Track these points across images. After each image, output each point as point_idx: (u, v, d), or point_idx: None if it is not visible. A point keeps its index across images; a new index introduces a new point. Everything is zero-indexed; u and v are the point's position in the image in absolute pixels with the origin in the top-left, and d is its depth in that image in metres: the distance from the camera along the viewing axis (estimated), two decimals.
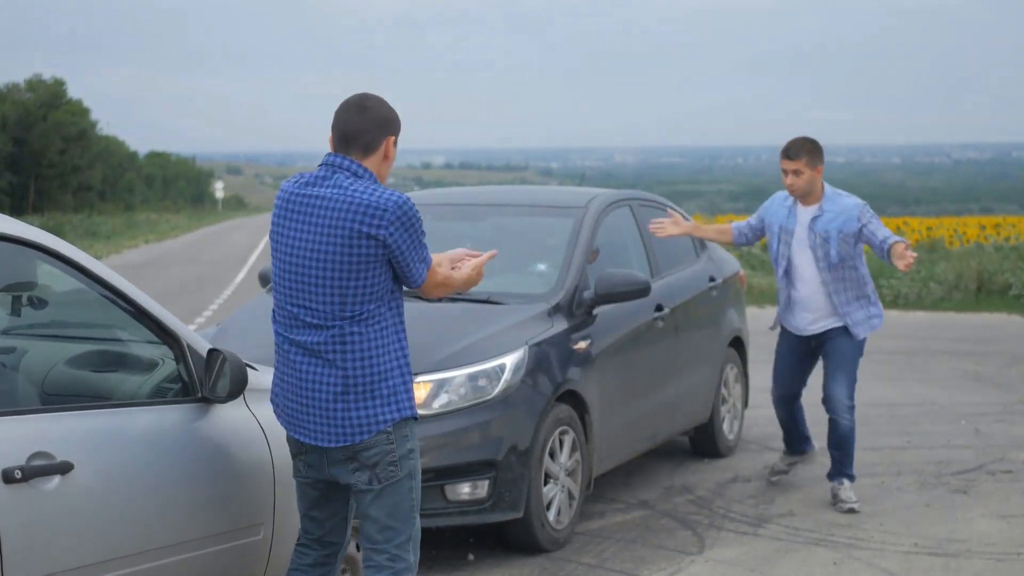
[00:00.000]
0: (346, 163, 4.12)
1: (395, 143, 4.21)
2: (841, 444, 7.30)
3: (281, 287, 4.16)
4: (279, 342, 4.19)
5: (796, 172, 7.07)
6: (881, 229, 7.02)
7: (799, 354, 7.47)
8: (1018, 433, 9.35)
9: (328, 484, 4.22)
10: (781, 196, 7.33)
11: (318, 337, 4.07)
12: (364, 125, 4.13)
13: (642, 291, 7.03)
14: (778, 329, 7.58)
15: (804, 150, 7.08)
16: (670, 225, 7.30)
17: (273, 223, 4.21)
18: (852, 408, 7.27)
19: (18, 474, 3.58)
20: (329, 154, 4.18)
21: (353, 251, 4.02)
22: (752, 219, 7.46)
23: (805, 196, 7.14)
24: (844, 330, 7.21)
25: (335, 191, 4.07)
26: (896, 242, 6.87)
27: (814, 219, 7.11)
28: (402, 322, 4.17)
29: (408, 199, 4.06)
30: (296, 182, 4.18)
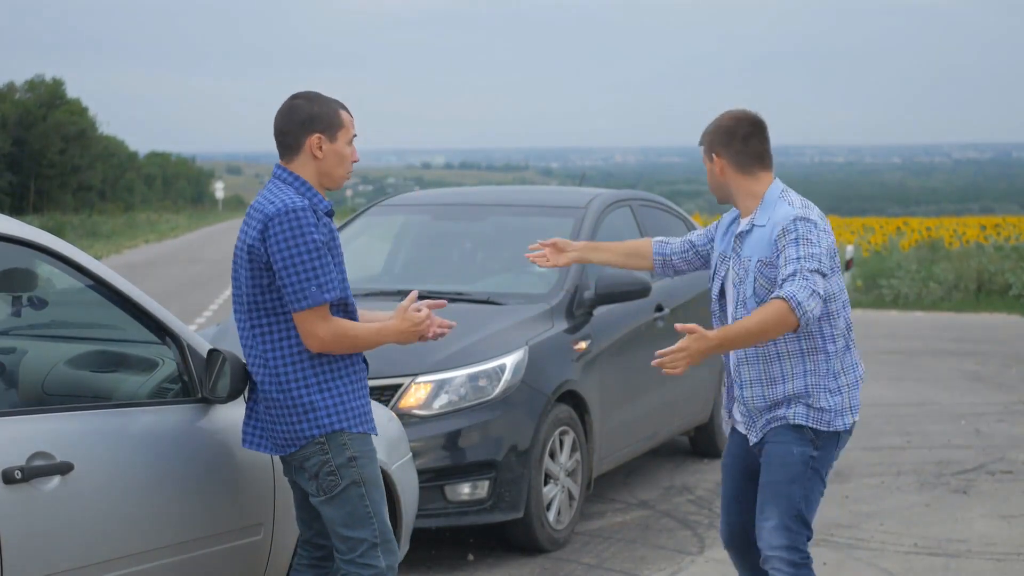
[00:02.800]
0: (276, 171, 4.10)
1: (330, 139, 4.03)
2: None
3: (233, 292, 4.20)
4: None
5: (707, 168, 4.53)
6: (792, 262, 4.19)
7: (745, 463, 4.55)
8: (1018, 433, 9.35)
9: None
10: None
11: (245, 349, 4.10)
12: (285, 126, 4.07)
13: (642, 291, 7.03)
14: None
15: (704, 134, 4.52)
16: (551, 253, 4.79)
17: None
18: (795, 564, 4.35)
19: (18, 474, 3.58)
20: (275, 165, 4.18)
21: (248, 262, 4.00)
22: (696, 236, 4.77)
23: (735, 203, 4.50)
24: (783, 426, 4.36)
25: (257, 199, 4.06)
26: (768, 303, 4.15)
27: (741, 237, 4.43)
28: None
29: (296, 207, 3.90)
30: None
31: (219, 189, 74.24)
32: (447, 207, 8.24)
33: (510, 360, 6.37)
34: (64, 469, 3.70)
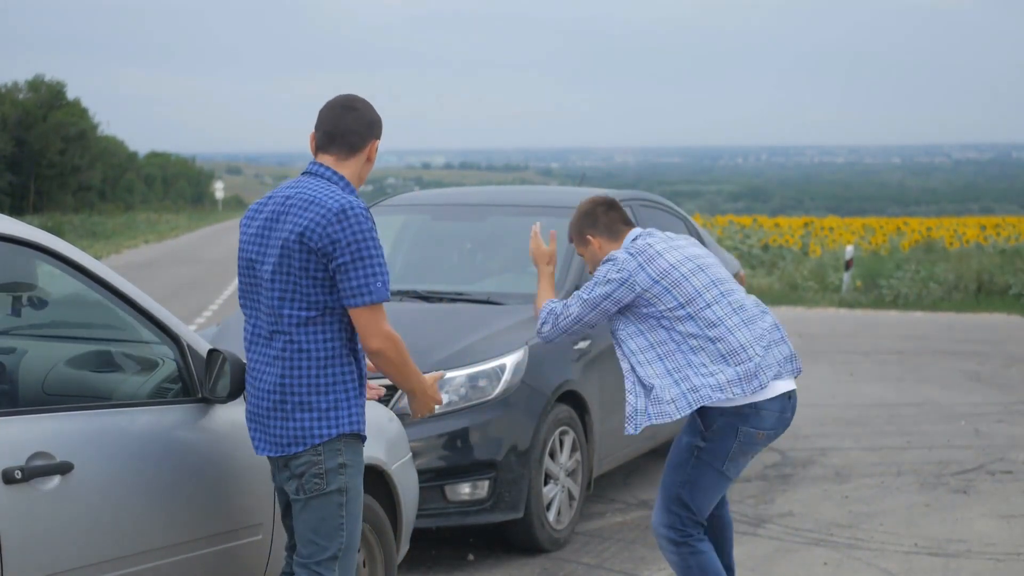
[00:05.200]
0: (321, 170, 4.04)
1: (377, 148, 4.15)
2: None
3: (242, 287, 4.10)
4: (244, 344, 4.13)
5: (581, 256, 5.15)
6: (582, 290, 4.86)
7: None
8: (1018, 433, 9.36)
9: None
10: None
11: (264, 340, 3.99)
12: (352, 124, 4.07)
13: None
14: None
15: (572, 228, 5.10)
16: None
17: (243, 225, 4.12)
18: (675, 542, 4.88)
19: (18, 474, 3.58)
20: (311, 162, 4.11)
21: (292, 253, 3.90)
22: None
23: None
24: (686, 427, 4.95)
25: (298, 191, 3.99)
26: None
27: None
28: (356, 336, 4.01)
29: (358, 204, 3.91)
30: (280, 187, 4.12)
31: (219, 189, 74.23)
32: (447, 207, 8.24)
33: (510, 360, 6.37)
34: (64, 469, 3.70)
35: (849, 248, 20.11)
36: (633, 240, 4.88)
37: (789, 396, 4.80)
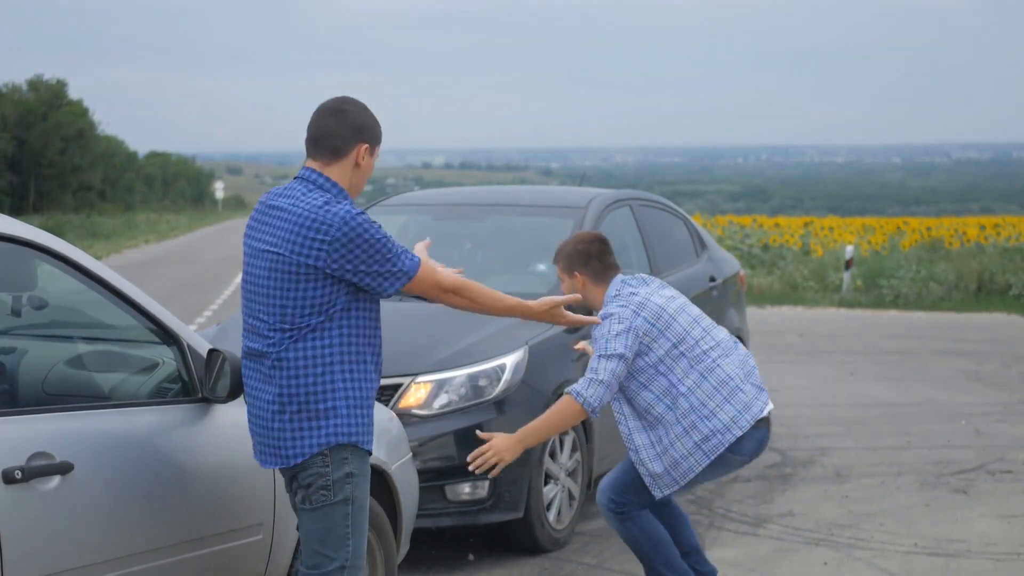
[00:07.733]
0: (312, 175, 3.97)
1: (370, 152, 4.02)
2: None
3: (243, 296, 4.08)
4: (242, 353, 4.11)
5: (560, 279, 5.39)
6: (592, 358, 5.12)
7: None
8: (1018, 433, 9.36)
9: None
10: None
11: (262, 348, 3.95)
12: (335, 128, 3.97)
13: None
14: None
15: (561, 256, 5.32)
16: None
17: (245, 233, 4.11)
18: (615, 512, 5.31)
19: (18, 474, 3.58)
20: (302, 167, 4.04)
21: (291, 266, 3.87)
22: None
23: (594, 305, 5.36)
24: None
25: (290, 202, 3.93)
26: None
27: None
28: (361, 341, 3.97)
29: (358, 214, 3.86)
30: (269, 194, 4.09)
31: (219, 189, 74.19)
32: (447, 207, 8.24)
33: (510, 360, 6.37)
34: (64, 469, 3.70)
35: (849, 248, 20.11)
36: (618, 291, 5.16)
37: (768, 425, 5.12)
